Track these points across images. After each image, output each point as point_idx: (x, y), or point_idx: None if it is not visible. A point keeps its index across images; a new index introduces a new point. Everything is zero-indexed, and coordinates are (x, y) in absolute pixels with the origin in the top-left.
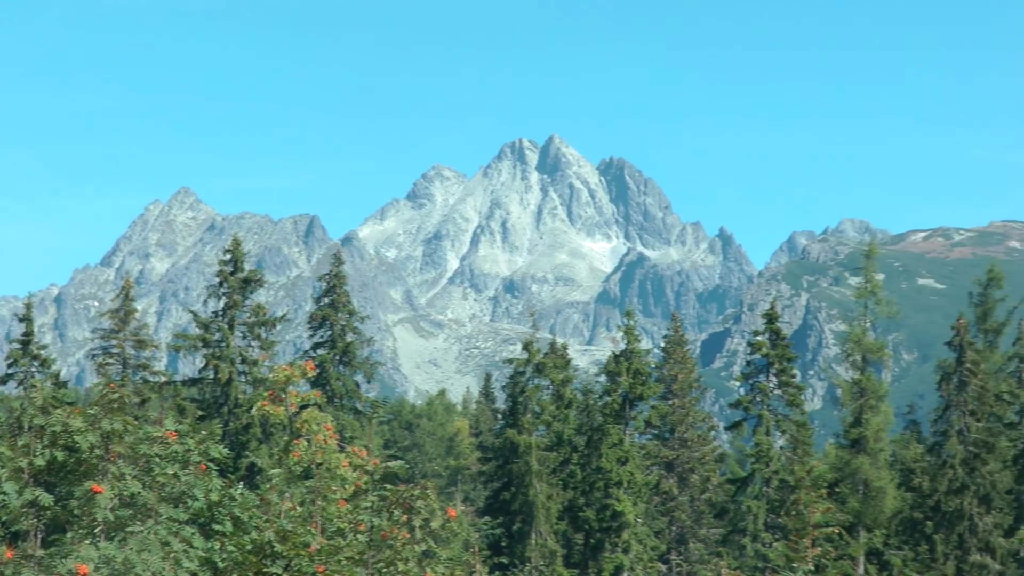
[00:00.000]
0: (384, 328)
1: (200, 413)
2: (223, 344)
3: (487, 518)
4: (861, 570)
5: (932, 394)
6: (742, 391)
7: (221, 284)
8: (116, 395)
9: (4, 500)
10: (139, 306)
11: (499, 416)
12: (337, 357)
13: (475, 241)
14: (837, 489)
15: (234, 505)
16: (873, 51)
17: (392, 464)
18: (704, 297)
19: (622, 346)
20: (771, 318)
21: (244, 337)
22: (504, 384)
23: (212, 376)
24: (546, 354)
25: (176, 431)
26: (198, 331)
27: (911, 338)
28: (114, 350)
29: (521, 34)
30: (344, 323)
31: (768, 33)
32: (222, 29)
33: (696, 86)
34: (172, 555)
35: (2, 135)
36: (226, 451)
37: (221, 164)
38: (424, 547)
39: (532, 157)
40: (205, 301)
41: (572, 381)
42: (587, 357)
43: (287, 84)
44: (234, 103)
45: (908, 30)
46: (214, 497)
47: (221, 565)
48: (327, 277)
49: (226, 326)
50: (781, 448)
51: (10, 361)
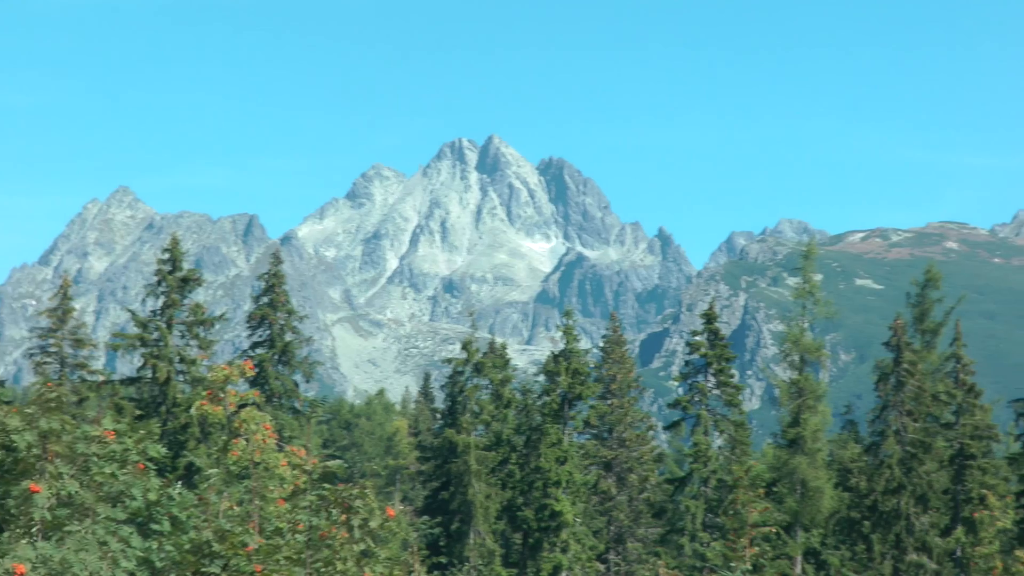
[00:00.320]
0: (323, 327)
1: (138, 412)
2: (161, 343)
3: (426, 517)
4: (798, 570)
5: (869, 394)
6: (681, 391)
7: (159, 283)
8: (54, 394)
9: None
10: (77, 305)
11: (438, 416)
12: (276, 356)
13: (414, 241)
14: (775, 489)
15: (172, 505)
16: (812, 51)
17: (331, 463)
18: (643, 297)
19: (561, 346)
20: (710, 318)
21: (183, 336)
22: (443, 384)
23: (150, 375)
24: (485, 354)
25: (114, 430)
26: (136, 330)
27: (849, 338)
28: (52, 349)
29: (461, 34)
30: (283, 322)
31: (707, 33)
32: (160, 26)
33: (635, 86)
34: (110, 555)
35: None
36: (164, 450)
37: (160, 163)
38: (363, 547)
39: (472, 157)
40: (143, 300)
41: (511, 381)
42: (526, 357)
43: (226, 82)
44: (173, 101)
45: (848, 31)
46: (152, 497)
47: (159, 565)
48: (266, 276)
49: (164, 325)
50: (719, 448)
51: None
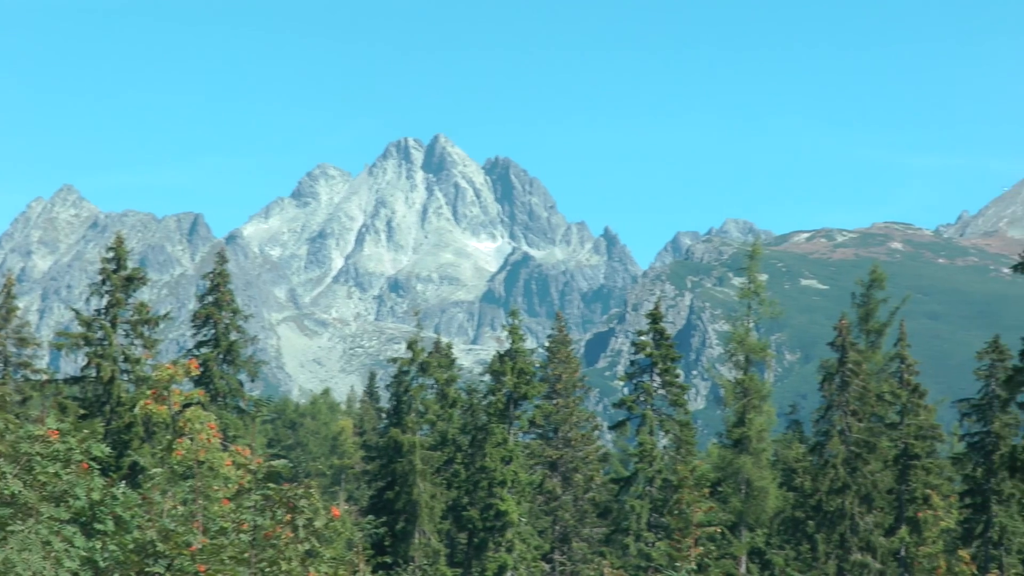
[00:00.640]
0: (268, 327)
1: (82, 412)
2: (105, 342)
3: (371, 517)
4: (743, 569)
5: (814, 394)
6: (626, 391)
7: (104, 282)
8: None
9: None
10: (21, 304)
11: (383, 415)
12: (220, 356)
13: (360, 240)
14: (720, 489)
15: (116, 504)
16: (758, 51)
17: (275, 463)
18: (588, 297)
19: (507, 345)
20: (655, 318)
21: (127, 335)
22: (388, 383)
23: (94, 374)
24: (430, 353)
25: (58, 430)
26: (80, 329)
27: (794, 338)
28: None
29: (407, 33)
30: (228, 322)
31: (653, 33)
32: (105, 24)
33: (581, 86)
34: (53, 554)
35: None
36: (108, 450)
37: (105, 161)
38: (307, 546)
39: (418, 156)
40: (88, 299)
41: (456, 380)
42: (472, 356)
43: (172, 80)
44: (118, 99)
45: (795, 33)
46: (96, 496)
47: (103, 564)
48: (211, 275)
49: (109, 324)
50: (664, 448)
51: None
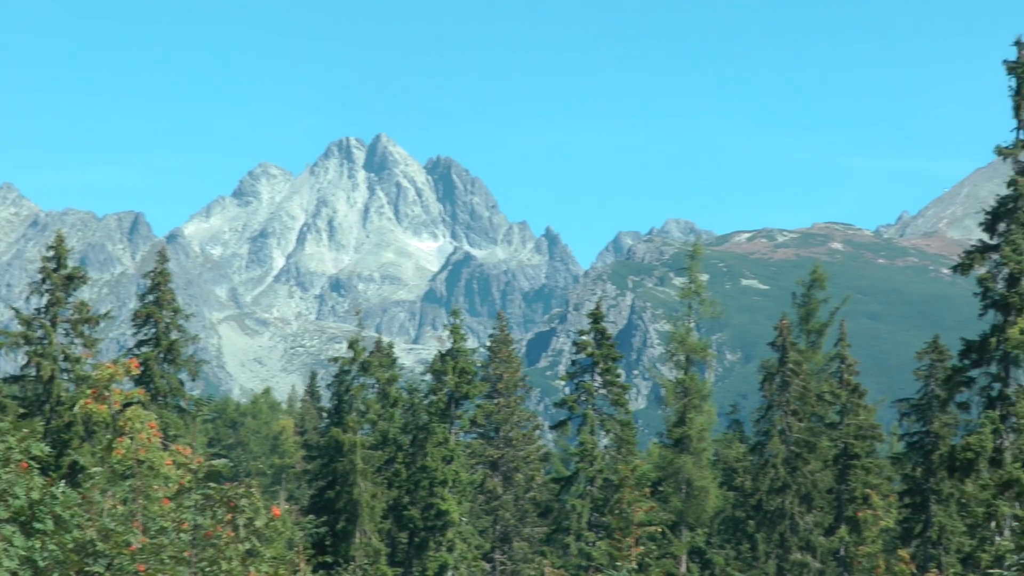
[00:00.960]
0: (209, 326)
1: (22, 411)
2: (45, 341)
3: (311, 516)
4: (683, 568)
5: (755, 394)
6: (567, 390)
7: (44, 281)
8: None
9: None
10: None
11: (324, 414)
12: (161, 355)
13: (301, 239)
14: (660, 488)
15: (56, 504)
16: (697, 52)
17: (216, 462)
18: (530, 296)
19: (448, 345)
20: (596, 318)
21: (67, 334)
22: (329, 383)
23: (34, 373)
24: (372, 353)
25: None
26: (20, 328)
27: (735, 338)
28: None
29: (349, 32)
30: (168, 321)
31: (592, 33)
32: (43, 20)
33: (522, 86)
34: None
35: None
36: (48, 449)
37: (45, 159)
38: (248, 546)
39: (359, 155)
40: (27, 298)
41: (398, 380)
42: (413, 356)
43: (113, 78)
44: (57, 96)
45: (733, 32)
46: (35, 495)
47: (42, 564)
48: (151, 274)
49: (49, 323)
50: (605, 447)
51: None
